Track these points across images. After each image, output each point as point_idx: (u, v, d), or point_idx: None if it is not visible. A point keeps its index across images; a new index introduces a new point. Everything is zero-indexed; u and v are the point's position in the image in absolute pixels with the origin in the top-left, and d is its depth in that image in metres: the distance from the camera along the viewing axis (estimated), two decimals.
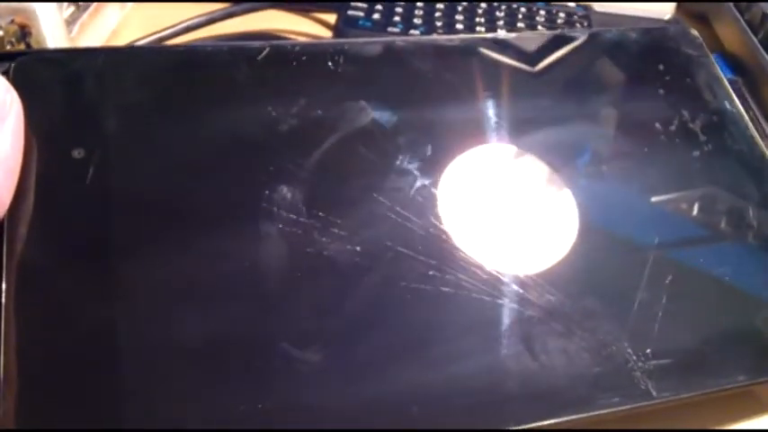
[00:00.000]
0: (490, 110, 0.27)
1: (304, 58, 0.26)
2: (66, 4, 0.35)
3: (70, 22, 0.36)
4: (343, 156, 0.24)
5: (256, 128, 0.24)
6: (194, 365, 0.20)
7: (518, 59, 0.29)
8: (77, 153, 0.22)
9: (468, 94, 0.27)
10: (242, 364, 0.20)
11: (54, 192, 0.21)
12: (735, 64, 0.38)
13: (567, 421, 0.22)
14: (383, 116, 0.26)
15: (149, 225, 0.22)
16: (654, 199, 0.27)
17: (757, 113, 0.36)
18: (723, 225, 0.27)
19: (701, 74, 0.30)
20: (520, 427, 0.21)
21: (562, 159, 0.27)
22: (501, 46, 0.29)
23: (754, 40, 0.38)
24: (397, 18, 0.38)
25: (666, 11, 0.42)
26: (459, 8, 0.39)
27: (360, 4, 0.38)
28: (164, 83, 0.24)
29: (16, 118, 0.20)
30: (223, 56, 0.25)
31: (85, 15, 0.37)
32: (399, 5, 0.38)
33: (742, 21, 0.39)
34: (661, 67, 0.30)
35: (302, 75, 0.25)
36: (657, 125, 0.28)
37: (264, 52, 0.25)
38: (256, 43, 0.26)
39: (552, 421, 0.22)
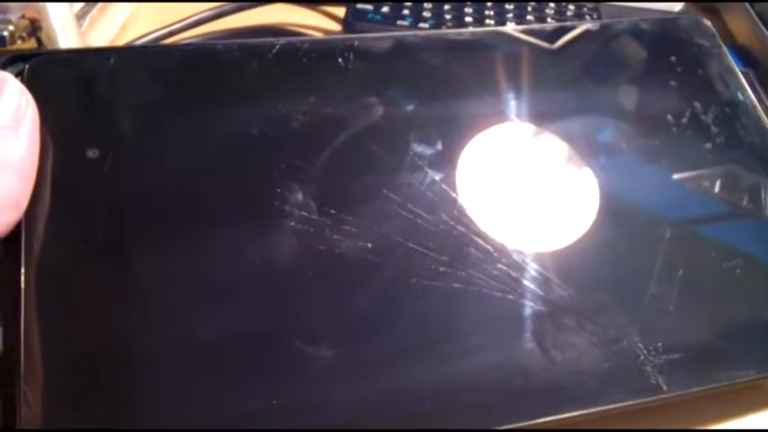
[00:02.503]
0: (504, 103, 0.27)
1: (314, 54, 0.26)
2: None
3: (80, 16, 0.36)
4: (354, 152, 0.25)
5: (268, 126, 0.24)
6: (207, 363, 0.20)
7: (532, 53, 0.29)
8: (92, 153, 0.22)
9: (481, 86, 0.27)
10: (255, 362, 0.21)
11: (70, 192, 0.21)
12: (745, 56, 0.38)
13: (577, 416, 0.22)
14: (394, 111, 0.26)
15: (163, 223, 0.22)
16: (666, 188, 0.27)
17: None
18: (738, 213, 0.27)
19: (714, 64, 0.30)
20: (530, 423, 0.22)
21: (576, 151, 0.27)
22: (514, 39, 0.29)
23: (765, 31, 0.37)
24: (406, 11, 0.37)
25: (676, 3, 0.42)
26: (469, 1, 0.38)
27: None
28: (175, 82, 0.24)
29: (32, 120, 0.21)
30: (233, 54, 0.25)
31: (95, 10, 0.37)
32: None
33: (752, 12, 0.39)
34: (673, 57, 0.30)
35: (312, 72, 0.26)
36: (669, 116, 0.28)
37: (275, 49, 0.25)
38: (266, 40, 0.26)
39: (562, 416, 0.22)
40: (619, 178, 0.27)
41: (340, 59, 0.26)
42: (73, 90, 0.23)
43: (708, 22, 0.32)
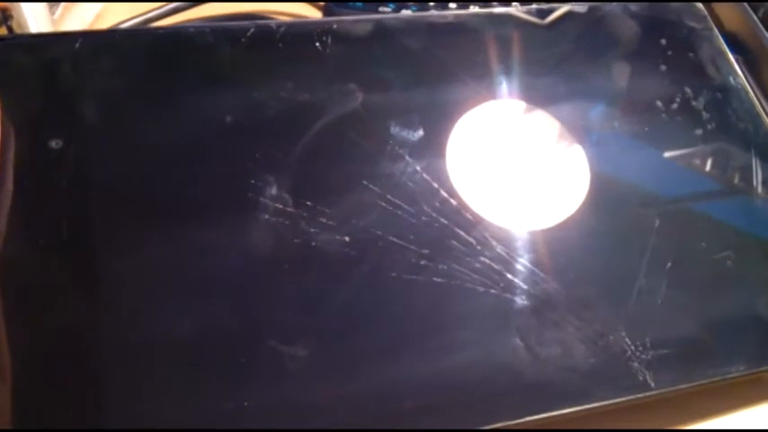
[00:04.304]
0: (489, 87, 0.26)
1: (290, 38, 0.25)
2: None
3: (53, 4, 0.35)
4: (331, 141, 0.24)
5: (241, 113, 0.23)
6: (180, 363, 0.20)
7: (518, 36, 0.28)
8: (55, 143, 0.21)
9: (465, 71, 0.26)
10: (229, 361, 0.20)
11: (31, 183, 0.21)
12: (734, 42, 0.38)
13: (564, 414, 0.21)
14: (373, 98, 0.25)
15: (130, 216, 0.21)
16: (655, 176, 0.26)
17: (757, 92, 0.35)
18: (729, 202, 0.26)
19: (705, 47, 0.30)
20: (515, 421, 0.21)
21: (563, 140, 0.26)
22: (499, 22, 0.28)
23: (755, 18, 0.37)
24: None
25: None
26: None
27: None
28: (145, 67, 0.23)
29: None
30: (206, 38, 0.24)
31: None
32: None
33: None
34: (664, 40, 0.29)
35: (288, 56, 0.25)
36: (659, 101, 0.28)
37: (249, 33, 0.24)
38: (241, 24, 0.25)
39: (548, 414, 0.21)
40: (607, 166, 0.26)
41: (317, 43, 0.25)
42: (37, 77, 0.22)
43: (700, 5, 0.31)
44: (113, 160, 0.22)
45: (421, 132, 0.25)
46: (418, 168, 0.24)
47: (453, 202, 0.24)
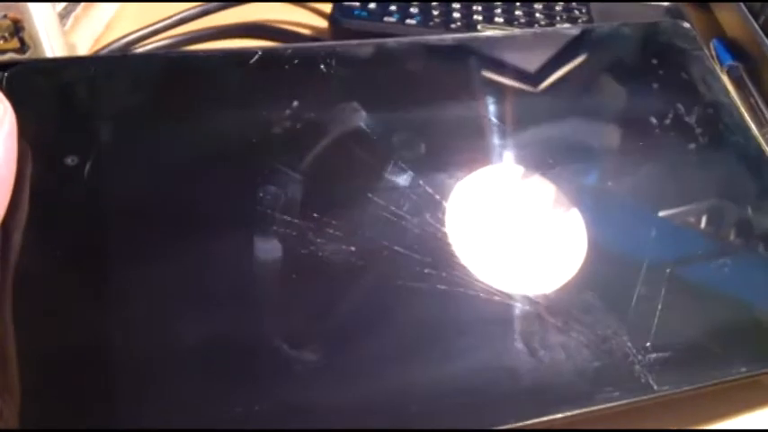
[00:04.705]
0: (486, 107, 0.27)
1: (296, 61, 0.26)
2: None
3: (64, 15, 0.35)
4: (337, 157, 0.24)
5: (250, 132, 0.24)
6: (191, 368, 0.20)
7: (514, 59, 0.29)
8: (71, 160, 0.22)
9: (463, 92, 0.27)
10: (238, 367, 0.20)
11: (48, 200, 0.21)
12: (735, 49, 0.38)
13: (567, 417, 0.22)
14: (376, 117, 0.25)
15: (144, 230, 0.22)
16: (652, 201, 0.27)
17: (758, 99, 0.36)
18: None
19: (695, 67, 0.30)
20: (519, 424, 0.21)
21: (559, 157, 0.27)
22: (496, 45, 0.29)
23: (755, 25, 0.37)
24: (392, 8, 0.37)
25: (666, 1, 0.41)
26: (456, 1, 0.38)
27: None
28: (156, 89, 0.24)
29: (9, 127, 0.20)
30: (215, 61, 0.25)
31: (79, 8, 0.37)
32: None
33: (743, 5, 0.38)
34: (654, 61, 0.30)
35: (295, 78, 0.25)
36: (653, 121, 0.28)
37: (256, 56, 0.25)
38: (248, 48, 0.26)
39: (552, 417, 0.22)
40: (603, 184, 0.27)
41: (322, 65, 0.26)
42: (52, 98, 0.23)
43: (688, 25, 0.31)
44: (128, 177, 0.22)
45: (422, 148, 0.25)
46: (421, 182, 0.24)
47: (455, 212, 0.24)
